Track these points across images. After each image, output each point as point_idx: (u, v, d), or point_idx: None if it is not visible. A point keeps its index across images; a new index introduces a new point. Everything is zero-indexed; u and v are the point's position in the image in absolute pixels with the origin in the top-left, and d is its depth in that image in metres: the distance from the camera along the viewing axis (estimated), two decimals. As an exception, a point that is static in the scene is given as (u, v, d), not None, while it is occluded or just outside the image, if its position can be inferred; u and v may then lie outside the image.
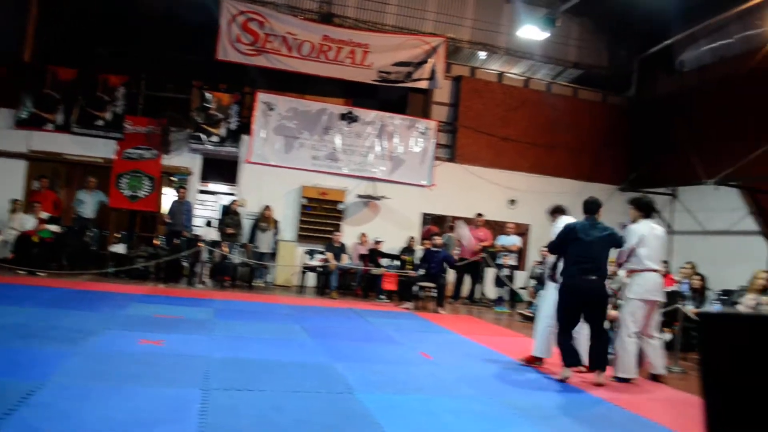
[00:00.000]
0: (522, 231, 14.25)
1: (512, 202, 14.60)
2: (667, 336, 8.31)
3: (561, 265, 6.15)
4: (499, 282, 12.26)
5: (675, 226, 13.95)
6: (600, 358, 5.88)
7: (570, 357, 5.89)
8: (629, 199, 6.52)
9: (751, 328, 1.00)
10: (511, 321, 10.74)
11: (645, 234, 6.14)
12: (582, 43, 15.53)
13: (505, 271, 12.13)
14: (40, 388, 4.08)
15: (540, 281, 11.28)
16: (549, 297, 6.45)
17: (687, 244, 13.42)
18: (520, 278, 13.27)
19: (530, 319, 10.56)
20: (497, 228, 13.55)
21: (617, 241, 6.14)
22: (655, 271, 6.16)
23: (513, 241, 12.66)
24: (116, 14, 13.47)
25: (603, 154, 15.30)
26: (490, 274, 13.00)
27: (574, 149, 15.10)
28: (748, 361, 0.97)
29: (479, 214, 13.12)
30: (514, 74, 15.54)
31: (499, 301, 12.25)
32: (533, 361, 6.50)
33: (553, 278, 6.33)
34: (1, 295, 7.95)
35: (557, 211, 6.85)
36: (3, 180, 12.08)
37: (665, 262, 10.12)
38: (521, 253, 13.37)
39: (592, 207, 6.15)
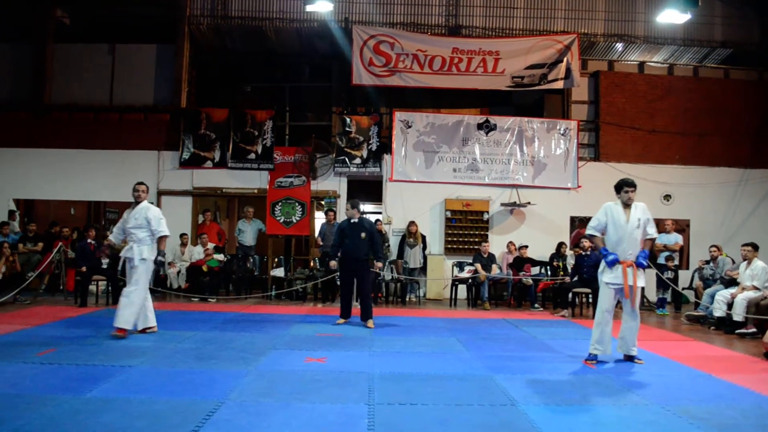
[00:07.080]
0: (681, 227, 13.38)
1: (667, 197, 13.79)
2: None
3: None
4: (661, 283, 11.57)
5: None
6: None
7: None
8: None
9: None
10: (676, 324, 10.09)
11: None
12: (729, 19, 14.35)
13: (668, 273, 11.43)
14: (220, 406, 4.38)
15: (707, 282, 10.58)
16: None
17: None
18: (684, 278, 12.43)
19: (699, 321, 9.89)
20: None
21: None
22: None
23: (674, 239, 11.94)
24: (255, 54, 14.52)
25: (764, 136, 14.06)
26: (649, 276, 12.30)
27: (730, 135, 14.04)
28: None
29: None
30: (656, 62, 14.74)
31: (661, 303, 11.57)
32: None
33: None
34: (179, 321, 8.69)
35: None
36: (174, 216, 13.20)
37: None
38: (683, 251, 12.54)
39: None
